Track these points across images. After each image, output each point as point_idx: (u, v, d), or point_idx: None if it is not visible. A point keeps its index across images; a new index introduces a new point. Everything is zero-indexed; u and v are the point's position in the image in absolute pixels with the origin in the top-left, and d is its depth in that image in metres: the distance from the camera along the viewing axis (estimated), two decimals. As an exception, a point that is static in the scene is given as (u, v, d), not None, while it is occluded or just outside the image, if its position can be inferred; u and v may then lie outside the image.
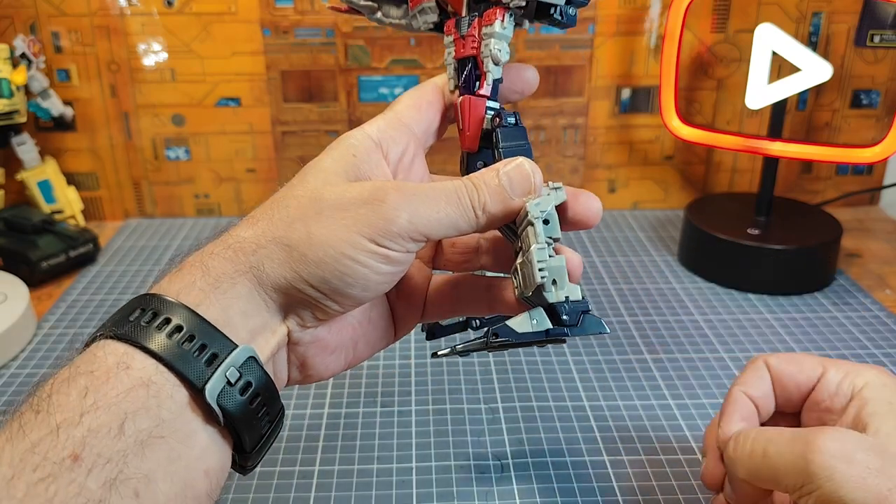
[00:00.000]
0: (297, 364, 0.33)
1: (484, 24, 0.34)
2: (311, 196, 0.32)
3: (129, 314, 0.28)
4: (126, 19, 0.76)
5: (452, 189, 0.32)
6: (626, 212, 0.84)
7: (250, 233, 0.31)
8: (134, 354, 0.27)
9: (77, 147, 0.81)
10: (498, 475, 0.44)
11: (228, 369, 0.28)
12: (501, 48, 0.34)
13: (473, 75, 0.34)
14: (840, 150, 0.66)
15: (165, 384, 0.27)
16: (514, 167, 0.33)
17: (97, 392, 0.26)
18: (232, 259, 0.30)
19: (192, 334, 0.28)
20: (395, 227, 0.30)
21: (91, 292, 0.67)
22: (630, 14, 0.77)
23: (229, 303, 0.29)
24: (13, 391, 0.53)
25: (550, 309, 0.31)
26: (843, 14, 0.77)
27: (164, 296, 0.29)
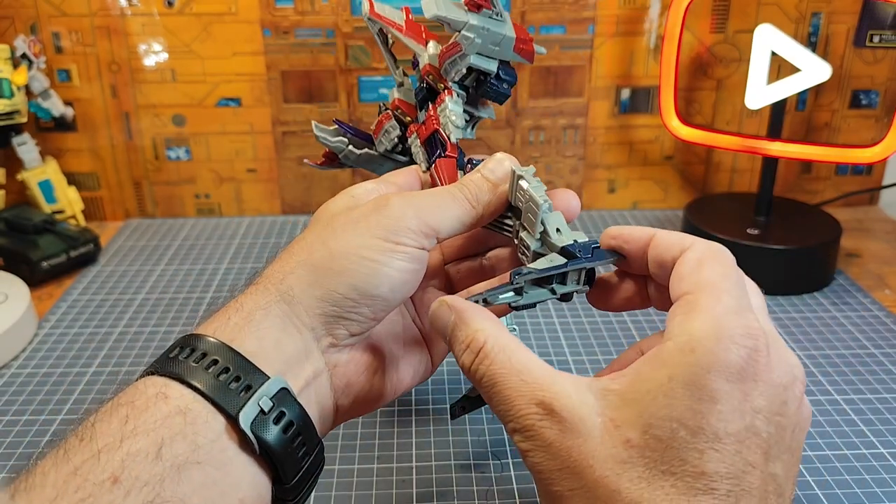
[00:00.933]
0: (341, 388, 0.34)
1: (437, 105, 0.41)
2: (325, 224, 0.34)
3: (170, 353, 0.30)
4: (126, 20, 0.76)
5: (447, 191, 0.35)
6: (625, 212, 0.84)
7: (276, 267, 0.33)
8: (172, 385, 0.29)
9: (78, 147, 0.81)
10: (498, 475, 0.44)
11: (261, 398, 0.29)
12: (456, 114, 0.40)
13: (438, 145, 0.40)
14: (839, 151, 0.67)
15: (202, 412, 0.28)
16: (493, 160, 0.36)
17: (137, 419, 0.27)
18: (262, 292, 0.32)
19: (227, 367, 0.29)
20: (403, 223, 0.32)
21: (92, 292, 0.67)
22: (630, 14, 0.77)
23: (263, 334, 0.31)
24: (14, 391, 0.53)
25: (564, 252, 0.33)
26: (843, 14, 0.77)
27: (203, 334, 0.31)
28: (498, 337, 0.30)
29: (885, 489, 0.43)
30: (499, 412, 0.29)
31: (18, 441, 0.48)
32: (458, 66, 0.39)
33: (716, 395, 0.25)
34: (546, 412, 0.27)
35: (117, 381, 0.53)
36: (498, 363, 0.29)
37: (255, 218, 0.83)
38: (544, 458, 0.27)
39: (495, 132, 0.81)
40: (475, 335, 0.30)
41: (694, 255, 0.30)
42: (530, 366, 0.29)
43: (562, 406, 0.27)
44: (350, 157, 0.46)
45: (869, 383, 0.53)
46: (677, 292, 0.29)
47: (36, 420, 0.50)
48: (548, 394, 0.28)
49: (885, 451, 0.46)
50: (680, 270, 0.30)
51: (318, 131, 0.46)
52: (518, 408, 0.28)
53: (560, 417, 0.27)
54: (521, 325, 0.60)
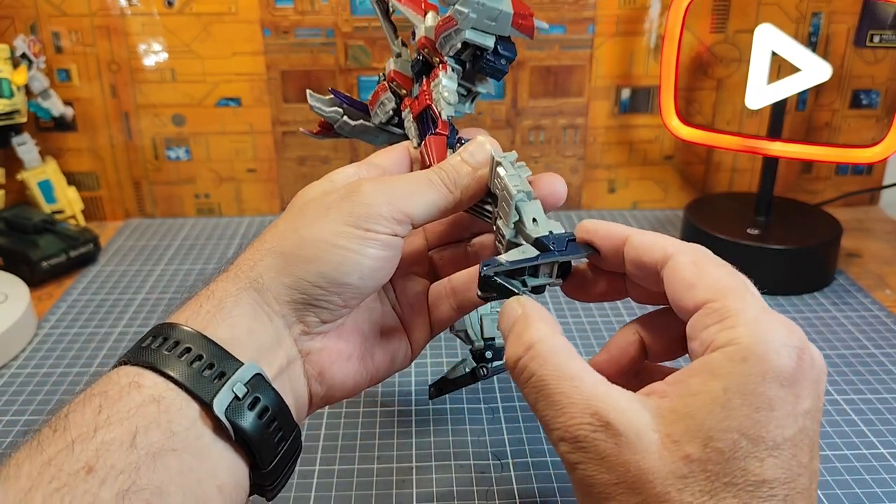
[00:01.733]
0: (315, 376, 0.34)
1: (432, 80, 0.39)
2: (298, 211, 0.34)
3: (143, 342, 0.30)
4: (126, 19, 0.76)
5: (424, 175, 0.34)
6: (625, 212, 0.84)
7: (247, 255, 0.33)
8: (145, 375, 0.29)
9: (77, 147, 0.81)
10: (498, 475, 0.44)
11: (235, 385, 0.29)
12: (449, 90, 0.39)
13: (430, 122, 0.39)
14: (840, 150, 0.66)
15: (175, 399, 0.28)
16: (471, 142, 0.36)
17: (110, 409, 0.27)
18: (233, 279, 0.32)
19: (200, 354, 0.29)
20: (375, 209, 0.32)
21: (91, 292, 0.67)
22: (630, 14, 0.77)
23: (234, 321, 0.31)
24: (13, 391, 0.53)
25: (537, 244, 0.32)
26: (843, 14, 0.77)
27: (176, 323, 0.30)
28: (552, 339, 0.29)
29: (885, 489, 0.43)
30: (545, 417, 0.28)
31: (18, 441, 0.47)
32: (453, 40, 0.38)
33: (773, 402, 0.25)
34: (601, 424, 0.26)
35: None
36: (550, 365, 0.28)
37: (255, 218, 0.83)
38: (598, 472, 0.26)
39: (495, 132, 0.81)
40: (535, 341, 0.29)
41: (688, 260, 0.29)
42: (583, 373, 0.28)
43: (618, 419, 0.26)
44: (345, 127, 0.44)
45: (869, 383, 0.53)
46: (693, 301, 0.28)
47: (36, 420, 0.49)
48: (602, 405, 0.26)
49: (886, 451, 0.46)
50: (684, 277, 0.29)
51: (312, 101, 0.44)
52: (570, 415, 0.27)
53: (616, 431, 0.26)
54: (521, 325, 0.60)
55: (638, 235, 0.32)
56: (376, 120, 0.43)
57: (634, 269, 0.32)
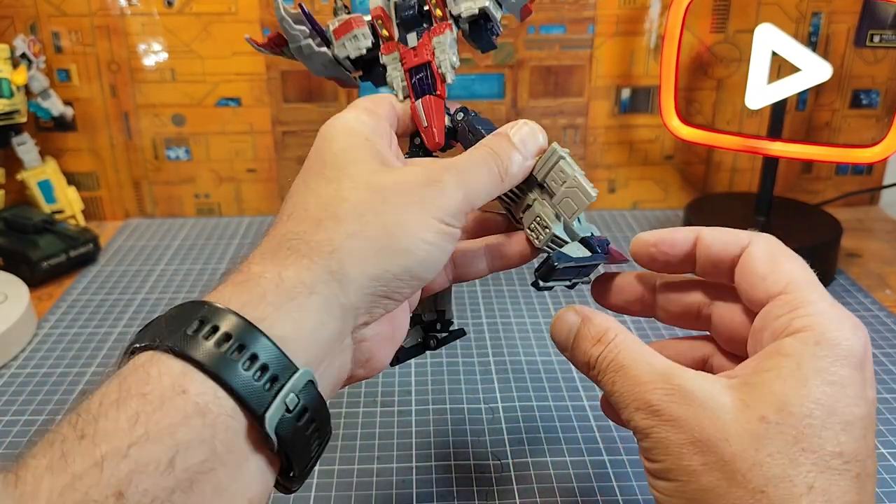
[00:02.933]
0: (362, 362, 0.32)
1: (435, 35, 0.37)
2: (367, 186, 0.30)
3: (186, 324, 0.26)
4: (126, 19, 0.76)
5: (482, 160, 0.33)
6: (625, 212, 0.84)
7: (322, 235, 0.29)
8: (192, 376, 0.25)
9: (77, 147, 0.81)
10: (498, 475, 0.44)
11: (288, 395, 0.26)
12: (455, 54, 0.37)
13: (428, 80, 0.37)
14: (840, 150, 0.66)
15: (221, 413, 0.25)
16: (525, 130, 0.34)
17: (149, 420, 0.24)
18: (308, 266, 0.28)
19: (254, 354, 0.26)
20: (455, 203, 0.31)
21: (91, 292, 0.67)
22: (630, 14, 0.77)
23: (302, 316, 0.28)
24: (13, 391, 0.53)
25: (585, 243, 0.34)
26: (843, 14, 0.77)
27: (229, 310, 0.27)
28: (626, 333, 0.31)
29: (885, 489, 0.43)
30: (623, 395, 0.29)
31: (18, 441, 0.48)
32: (471, 2, 0.37)
33: (845, 380, 0.26)
34: (674, 389, 0.28)
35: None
36: (627, 350, 0.30)
37: (255, 218, 0.83)
38: (671, 433, 0.27)
39: (495, 132, 0.81)
40: (606, 330, 0.31)
41: (762, 252, 0.31)
42: (656, 356, 0.30)
43: (692, 385, 0.28)
44: (304, 50, 0.40)
45: (869, 383, 0.53)
46: (766, 292, 0.30)
47: (36, 420, 0.50)
48: (677, 377, 0.28)
49: (886, 451, 0.46)
50: (757, 270, 0.30)
51: (282, 12, 0.40)
52: (646, 386, 0.29)
53: (691, 395, 0.28)
54: (522, 325, 0.60)
55: (709, 232, 0.33)
56: (341, 53, 0.39)
57: (707, 266, 0.33)
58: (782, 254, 0.31)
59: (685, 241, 0.34)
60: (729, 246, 0.32)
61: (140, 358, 0.26)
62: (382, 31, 0.38)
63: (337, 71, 0.40)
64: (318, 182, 0.31)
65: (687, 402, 0.27)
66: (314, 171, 0.32)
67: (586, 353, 0.32)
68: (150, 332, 0.27)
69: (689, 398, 0.28)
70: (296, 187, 0.32)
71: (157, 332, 0.27)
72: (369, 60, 0.39)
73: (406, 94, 0.38)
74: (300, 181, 0.32)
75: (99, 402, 0.24)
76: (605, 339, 0.31)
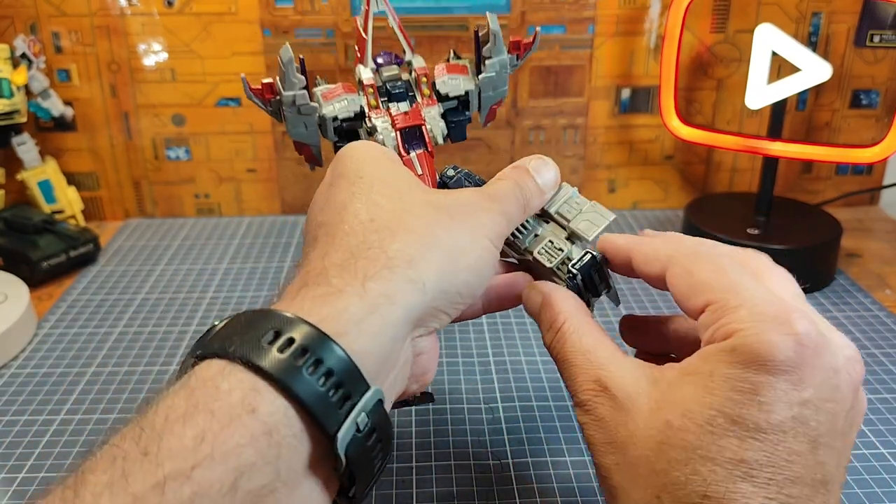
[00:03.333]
0: (417, 376, 0.32)
1: (424, 107, 0.42)
2: (429, 203, 0.32)
3: (260, 334, 0.25)
4: (126, 19, 0.76)
5: (511, 192, 0.34)
6: (625, 212, 0.84)
7: (399, 245, 0.29)
8: (263, 393, 0.24)
9: (77, 147, 0.81)
10: (498, 475, 0.44)
11: (359, 415, 0.25)
12: (443, 123, 0.42)
13: (419, 139, 0.41)
14: (840, 150, 0.66)
15: (288, 434, 0.24)
16: (546, 168, 0.36)
17: (215, 439, 0.23)
18: (388, 277, 0.28)
19: (330, 370, 0.25)
20: (501, 228, 0.33)
21: (91, 292, 0.67)
22: (630, 14, 0.77)
23: (381, 330, 0.27)
24: (13, 391, 0.53)
25: None
26: (843, 14, 0.77)
27: (304, 319, 0.26)
28: (575, 319, 0.32)
29: (885, 489, 0.43)
30: (567, 387, 0.31)
31: (18, 441, 0.48)
32: (459, 83, 0.42)
33: (757, 387, 0.26)
34: (601, 389, 0.29)
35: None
36: (570, 343, 0.31)
37: (255, 218, 0.83)
38: (596, 432, 0.29)
39: (496, 132, 0.81)
40: (556, 317, 0.32)
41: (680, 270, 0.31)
42: (597, 347, 0.31)
43: (616, 385, 0.29)
44: (296, 101, 0.41)
45: (869, 383, 0.53)
46: (695, 309, 0.29)
47: (36, 420, 0.50)
48: (605, 373, 0.29)
49: (886, 451, 0.46)
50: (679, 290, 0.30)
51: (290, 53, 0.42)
52: (579, 383, 0.30)
53: (612, 395, 0.29)
54: (522, 325, 0.60)
55: (638, 249, 0.34)
56: (327, 111, 0.41)
57: (649, 281, 0.34)
58: (700, 263, 0.30)
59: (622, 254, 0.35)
60: (653, 266, 0.33)
61: (209, 368, 0.25)
62: (372, 100, 0.42)
63: (312, 138, 0.43)
64: (376, 196, 0.31)
65: (610, 402, 0.29)
66: (364, 186, 0.32)
67: (544, 338, 0.33)
68: (218, 337, 0.26)
69: (612, 399, 0.29)
70: (342, 199, 0.31)
71: (227, 338, 0.26)
72: (349, 131, 0.42)
73: (397, 153, 0.40)
74: (347, 193, 0.31)
75: (165, 417, 0.23)
76: (555, 327, 0.32)
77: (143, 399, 0.52)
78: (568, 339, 0.31)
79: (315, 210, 0.33)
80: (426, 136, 0.41)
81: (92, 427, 0.49)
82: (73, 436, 0.48)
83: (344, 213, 0.30)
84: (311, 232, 0.32)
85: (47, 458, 0.46)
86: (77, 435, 0.48)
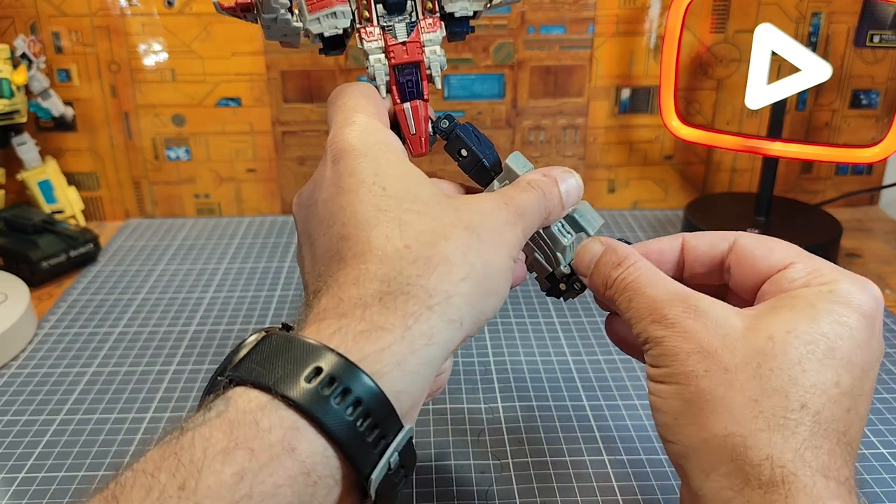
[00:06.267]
0: (434, 391, 0.33)
1: (426, 32, 0.36)
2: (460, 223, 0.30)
3: (303, 369, 0.25)
4: (126, 19, 0.76)
5: (535, 204, 0.34)
6: (625, 212, 0.84)
7: (437, 280, 0.28)
8: (303, 432, 0.24)
9: (77, 147, 0.81)
10: (498, 475, 0.44)
11: (393, 455, 0.26)
12: (443, 56, 0.37)
13: (415, 81, 0.36)
14: (840, 150, 0.67)
15: (325, 475, 0.24)
16: (573, 184, 0.36)
17: (254, 479, 0.23)
18: (428, 317, 0.27)
19: (368, 411, 0.25)
20: (520, 243, 0.33)
21: (91, 292, 0.67)
22: (630, 14, 0.77)
23: (420, 370, 0.27)
24: (13, 391, 0.53)
25: None
26: (843, 14, 0.77)
27: (345, 357, 0.25)
28: (645, 261, 0.34)
29: (886, 489, 0.43)
30: (637, 309, 0.32)
31: (18, 441, 0.48)
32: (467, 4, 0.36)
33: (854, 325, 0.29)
34: (691, 307, 0.30)
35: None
36: (645, 273, 0.33)
37: (255, 218, 0.83)
38: (681, 342, 0.30)
39: (495, 132, 0.81)
40: (627, 257, 0.34)
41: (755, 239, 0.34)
42: (676, 283, 0.32)
43: (707, 306, 0.30)
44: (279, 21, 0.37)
45: (869, 383, 0.53)
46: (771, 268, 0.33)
47: (36, 420, 0.50)
48: (693, 298, 0.31)
49: (886, 451, 0.46)
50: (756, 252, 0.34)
51: None
52: (663, 303, 0.31)
53: (705, 314, 0.30)
54: (522, 325, 0.60)
55: (692, 235, 0.36)
56: (314, 28, 0.36)
57: (696, 268, 0.36)
58: (773, 239, 0.34)
59: (672, 249, 0.36)
60: (716, 244, 0.35)
61: (249, 400, 0.24)
62: (364, 11, 0.36)
63: (293, 38, 0.38)
64: (405, 215, 0.30)
65: (700, 319, 0.30)
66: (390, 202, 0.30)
67: (605, 274, 0.34)
68: (255, 363, 0.26)
69: (703, 316, 0.30)
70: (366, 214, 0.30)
71: (264, 366, 0.25)
72: (338, 38, 0.37)
73: (388, 90, 0.37)
74: (370, 208, 0.30)
75: (203, 450, 0.23)
76: (626, 264, 0.33)
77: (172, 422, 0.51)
78: (644, 272, 0.32)
79: (322, 210, 0.31)
80: (423, 76, 0.36)
81: (92, 427, 0.49)
82: (73, 436, 0.48)
83: (373, 232, 0.29)
84: (324, 239, 0.31)
85: (47, 458, 0.46)
86: (77, 435, 0.48)
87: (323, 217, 0.31)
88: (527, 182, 0.35)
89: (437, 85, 0.36)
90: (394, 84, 0.36)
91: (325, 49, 0.38)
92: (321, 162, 0.33)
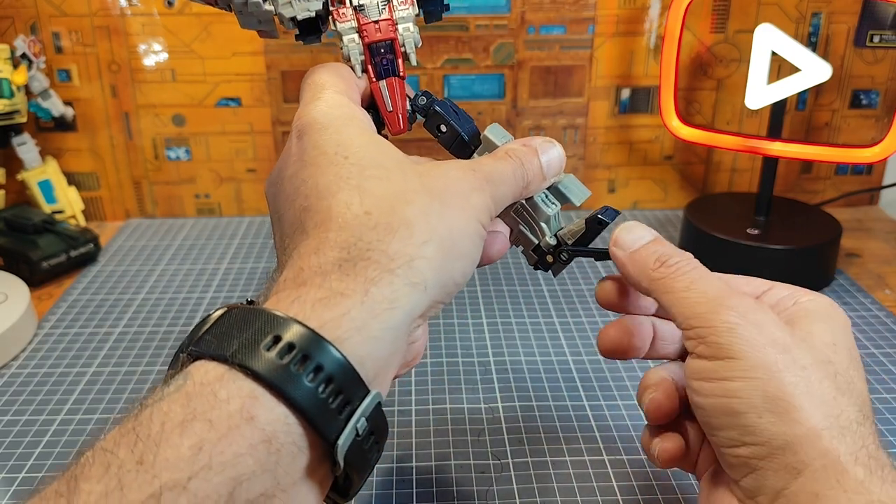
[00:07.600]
0: (409, 363, 0.32)
1: (399, 9, 0.36)
2: (423, 188, 0.30)
3: (260, 338, 0.25)
4: (126, 19, 0.76)
5: (511, 173, 0.33)
6: (625, 212, 0.84)
7: (399, 244, 0.28)
8: (262, 400, 0.24)
9: (78, 147, 0.81)
10: (498, 475, 0.44)
11: (359, 420, 0.25)
12: (417, 32, 0.36)
13: (390, 60, 0.36)
14: (840, 150, 0.66)
15: (287, 441, 0.24)
16: (555, 155, 0.35)
17: (213, 449, 0.22)
18: (390, 281, 0.27)
19: (330, 376, 0.25)
20: (490, 209, 0.32)
21: (92, 292, 0.67)
22: (630, 14, 0.77)
23: (382, 335, 0.26)
24: (13, 391, 0.53)
25: None
26: (843, 14, 0.77)
27: (303, 324, 0.25)
28: None
29: (886, 489, 0.43)
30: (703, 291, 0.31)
31: (18, 441, 0.48)
32: None
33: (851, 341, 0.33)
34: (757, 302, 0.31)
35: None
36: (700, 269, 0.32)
37: (255, 218, 0.83)
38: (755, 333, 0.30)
39: (495, 132, 0.81)
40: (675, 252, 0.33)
41: None
42: None
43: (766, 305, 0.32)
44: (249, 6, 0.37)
45: (869, 383, 0.52)
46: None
47: (36, 420, 0.50)
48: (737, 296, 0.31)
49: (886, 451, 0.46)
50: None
51: None
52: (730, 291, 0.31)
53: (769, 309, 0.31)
54: (522, 325, 0.60)
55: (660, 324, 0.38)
56: (287, 12, 0.36)
57: None
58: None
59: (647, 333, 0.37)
60: None
61: (206, 372, 0.24)
62: None
63: (268, 26, 0.38)
64: (367, 182, 0.29)
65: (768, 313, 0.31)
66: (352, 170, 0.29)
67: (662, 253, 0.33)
68: (213, 336, 0.25)
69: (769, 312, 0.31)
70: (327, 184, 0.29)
71: (223, 339, 0.25)
72: (311, 21, 0.37)
73: (363, 70, 0.36)
74: (332, 177, 0.29)
75: (161, 424, 0.23)
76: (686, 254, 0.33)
77: (133, 399, 0.52)
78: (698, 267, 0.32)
79: (287, 186, 0.31)
80: (398, 53, 0.36)
81: (92, 427, 0.49)
82: (73, 436, 0.48)
83: (333, 201, 0.29)
84: (290, 212, 0.30)
85: (47, 458, 0.46)
86: (77, 435, 0.48)
87: (288, 192, 0.31)
88: (504, 151, 0.34)
89: (412, 62, 0.36)
90: (369, 63, 0.36)
91: (300, 35, 0.38)
92: (288, 139, 0.33)
